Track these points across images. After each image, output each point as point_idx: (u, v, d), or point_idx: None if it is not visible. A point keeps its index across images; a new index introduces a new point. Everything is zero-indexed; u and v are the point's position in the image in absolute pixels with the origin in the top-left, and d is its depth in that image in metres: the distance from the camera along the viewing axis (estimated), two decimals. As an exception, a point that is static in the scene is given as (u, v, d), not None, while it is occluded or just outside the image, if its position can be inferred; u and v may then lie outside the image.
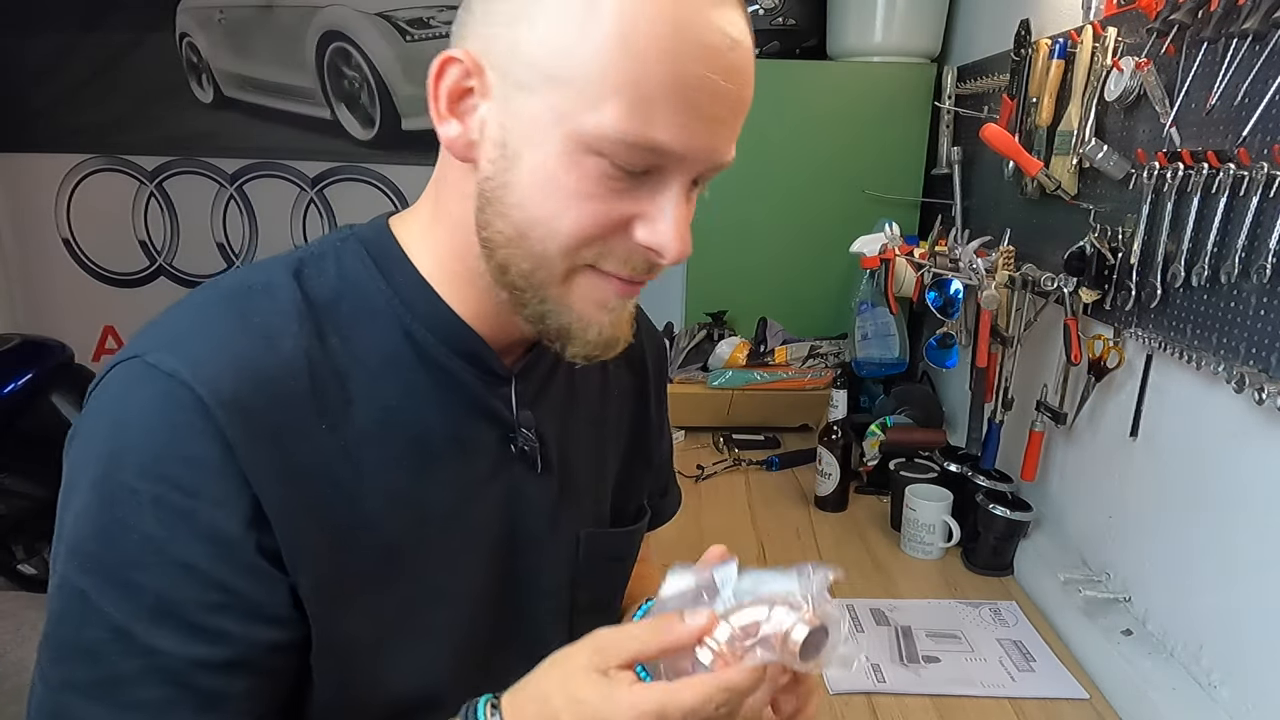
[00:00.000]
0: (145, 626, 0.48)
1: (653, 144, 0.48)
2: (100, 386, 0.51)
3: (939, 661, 1.12)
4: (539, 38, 0.48)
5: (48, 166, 2.92)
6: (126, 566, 0.48)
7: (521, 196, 0.51)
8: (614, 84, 0.47)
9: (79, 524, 0.49)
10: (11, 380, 2.26)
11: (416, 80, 2.75)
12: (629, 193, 0.51)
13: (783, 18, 2.05)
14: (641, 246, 0.52)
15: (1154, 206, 1.04)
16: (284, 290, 0.55)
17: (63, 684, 0.49)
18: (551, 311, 0.54)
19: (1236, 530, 0.95)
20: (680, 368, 1.97)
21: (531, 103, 0.49)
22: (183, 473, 0.48)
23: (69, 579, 0.49)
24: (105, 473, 0.48)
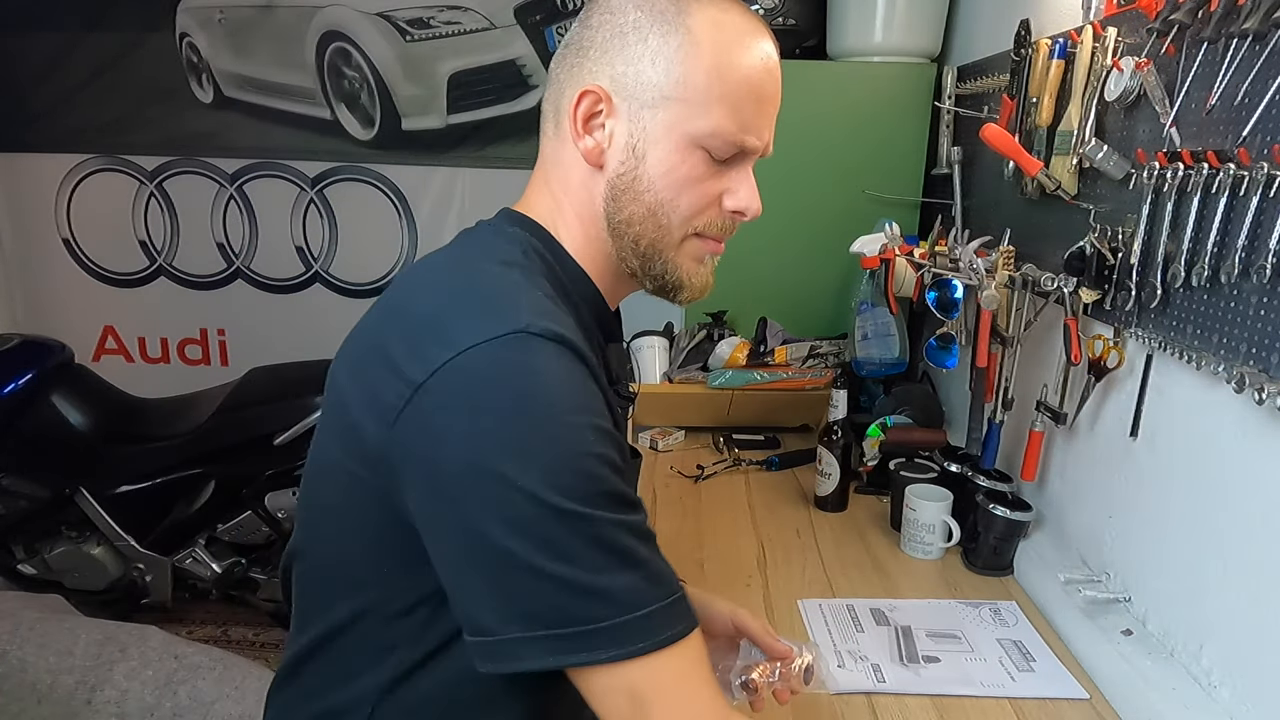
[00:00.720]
0: (619, 512, 0.62)
1: (740, 141, 0.71)
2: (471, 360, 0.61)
3: (939, 661, 1.12)
4: (662, 70, 0.69)
5: (48, 166, 2.92)
6: (594, 479, 0.61)
7: (649, 183, 0.71)
8: (716, 97, 0.69)
9: (546, 463, 0.60)
10: (11, 380, 2.26)
11: (416, 80, 2.76)
12: (718, 176, 0.73)
13: (783, 18, 2.05)
14: (730, 211, 0.75)
15: (1154, 206, 1.04)
16: (538, 274, 0.72)
17: (593, 570, 0.60)
18: (669, 270, 0.75)
19: (1237, 530, 0.95)
20: (680, 368, 1.97)
21: (656, 116, 0.70)
22: (591, 402, 0.65)
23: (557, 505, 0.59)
24: (548, 421, 0.61)
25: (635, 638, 0.61)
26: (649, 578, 0.63)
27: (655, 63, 0.69)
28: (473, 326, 0.62)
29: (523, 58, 2.73)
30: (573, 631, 0.60)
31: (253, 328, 3.02)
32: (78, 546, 2.36)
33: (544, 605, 0.61)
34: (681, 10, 0.69)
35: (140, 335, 3.07)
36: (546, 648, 0.61)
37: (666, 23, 0.69)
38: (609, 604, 0.61)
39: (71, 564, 2.36)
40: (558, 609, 0.60)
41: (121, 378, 2.56)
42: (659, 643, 0.62)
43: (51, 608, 2.15)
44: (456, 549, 0.63)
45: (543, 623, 0.61)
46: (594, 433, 0.62)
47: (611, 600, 0.61)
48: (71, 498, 2.32)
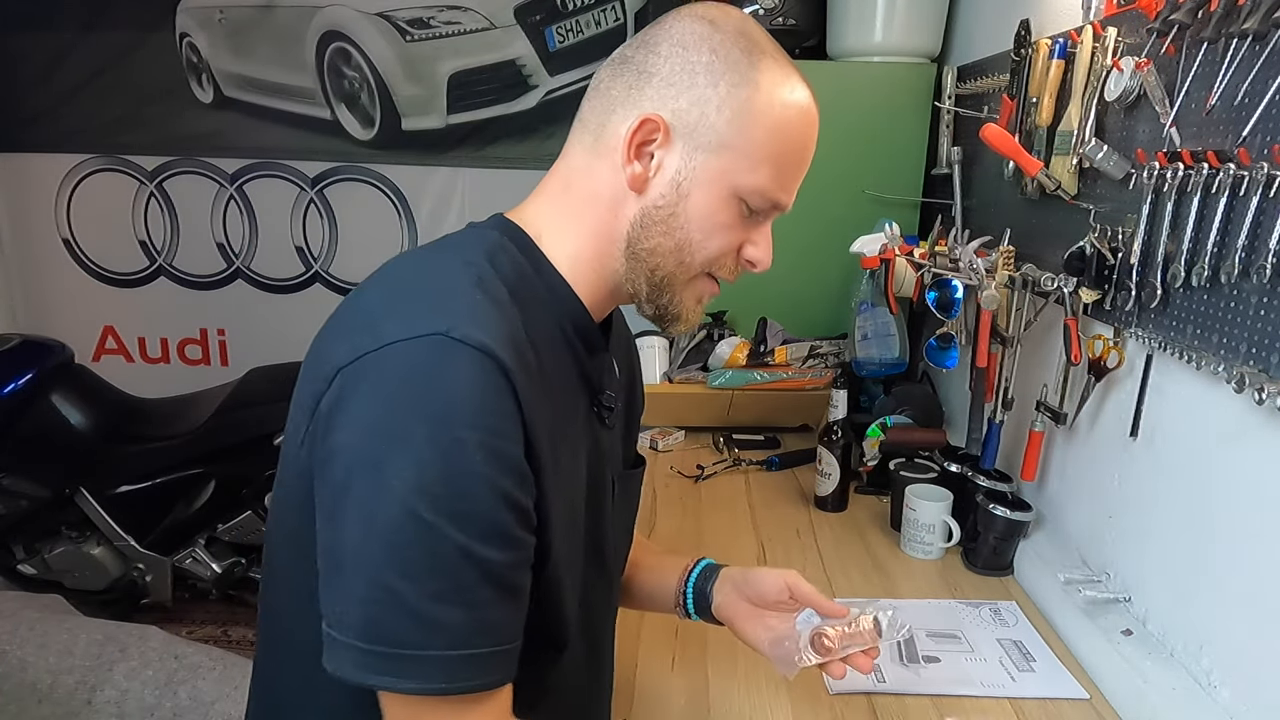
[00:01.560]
0: (480, 544, 0.60)
1: (778, 200, 0.74)
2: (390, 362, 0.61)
3: (939, 661, 1.12)
4: (725, 119, 0.69)
5: (48, 166, 2.92)
6: (464, 499, 0.60)
7: (685, 221, 0.72)
8: (766, 156, 0.71)
9: (420, 470, 0.59)
10: (11, 380, 2.26)
11: (416, 80, 2.75)
12: (745, 226, 0.74)
13: (783, 18, 2.05)
14: (745, 260, 0.76)
15: (1154, 206, 1.04)
16: (494, 279, 0.69)
17: (425, 595, 0.59)
18: (671, 303, 0.75)
19: (1237, 530, 0.95)
20: (680, 368, 1.97)
21: (709, 160, 0.70)
22: (498, 422, 0.61)
23: (418, 514, 0.59)
24: (439, 428, 0.59)
25: (439, 676, 0.60)
26: (479, 624, 0.61)
27: (721, 110, 0.69)
28: (401, 323, 0.62)
29: (523, 58, 2.73)
30: (384, 651, 0.59)
31: (253, 328, 3.02)
32: (78, 546, 2.36)
33: (370, 615, 0.60)
34: (754, 65, 0.70)
35: (140, 335, 3.07)
36: (358, 661, 0.60)
37: (739, 74, 0.69)
38: (429, 633, 0.60)
39: (71, 564, 2.36)
40: (377, 623, 0.59)
41: (121, 378, 2.56)
42: (464, 687, 0.61)
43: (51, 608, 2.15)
44: (324, 534, 0.62)
45: (364, 634, 0.60)
46: (484, 453, 0.60)
47: (433, 630, 0.60)
48: (71, 498, 2.32)
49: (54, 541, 2.37)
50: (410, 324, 0.62)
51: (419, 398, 0.60)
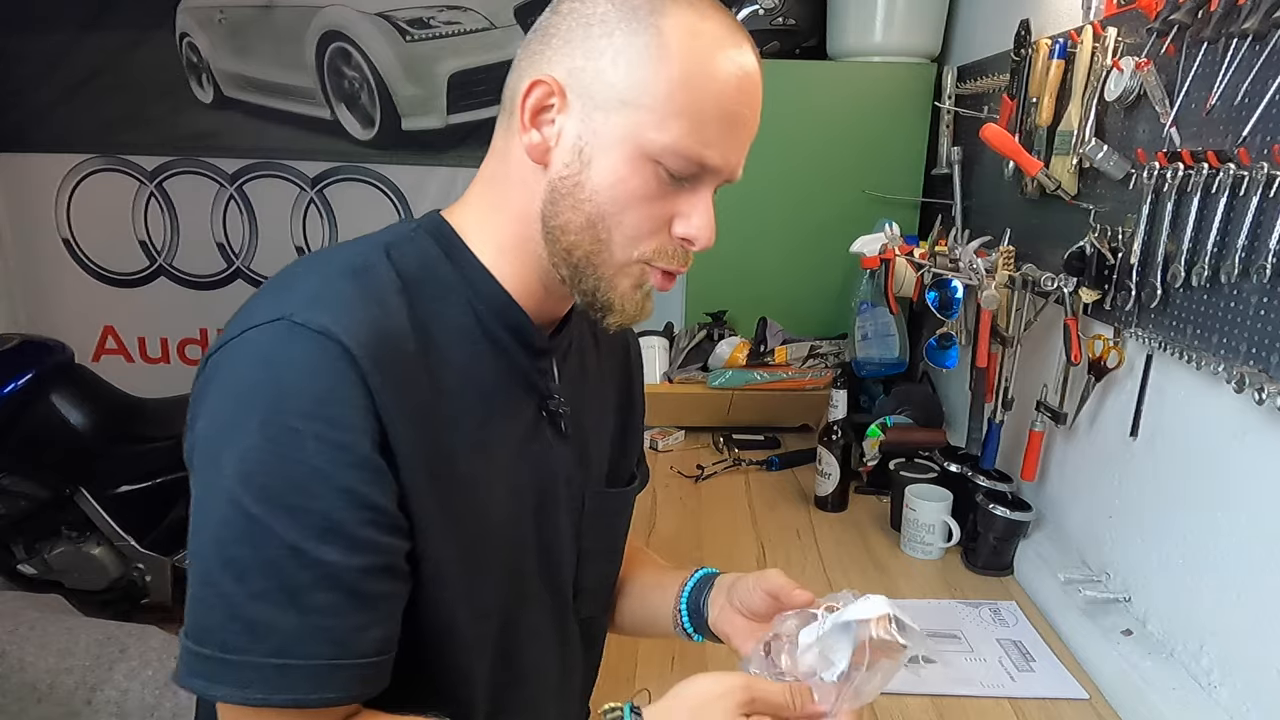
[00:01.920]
0: (315, 543, 0.56)
1: (702, 159, 0.63)
2: (238, 347, 0.59)
3: (939, 661, 1.12)
4: (622, 72, 0.62)
5: (48, 166, 2.91)
6: (296, 493, 0.56)
7: (592, 192, 0.63)
8: (676, 110, 0.61)
9: (247, 460, 0.56)
10: (11, 380, 2.26)
11: (416, 80, 2.75)
12: (672, 196, 0.65)
13: (783, 18, 2.05)
14: (679, 239, 0.66)
15: (1154, 206, 1.04)
16: (384, 268, 0.65)
17: (250, 595, 0.56)
18: (601, 288, 0.66)
19: (1237, 530, 0.95)
20: (680, 368, 1.97)
21: (610, 120, 0.62)
22: (339, 412, 0.57)
23: (244, 508, 0.56)
24: (270, 416, 0.56)
25: (258, 685, 0.55)
26: (313, 631, 0.56)
27: (616, 62, 0.62)
28: (260, 311, 0.60)
29: (522, 58, 2.73)
30: (207, 654, 0.56)
31: (253, 328, 3.01)
32: (78, 546, 2.36)
33: (198, 614, 0.57)
34: (655, 10, 0.62)
35: (140, 335, 3.07)
36: (187, 663, 0.56)
37: (637, 20, 0.62)
38: (253, 637, 0.55)
39: (71, 564, 2.36)
40: (203, 623, 0.56)
41: (121, 378, 2.55)
42: (287, 701, 0.56)
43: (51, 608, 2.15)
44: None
45: (193, 635, 0.56)
46: (322, 445, 0.56)
47: (257, 635, 0.55)
48: (71, 498, 2.32)
49: (54, 541, 2.36)
50: (265, 311, 0.59)
51: (255, 385, 0.57)
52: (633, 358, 0.92)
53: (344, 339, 0.57)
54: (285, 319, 0.58)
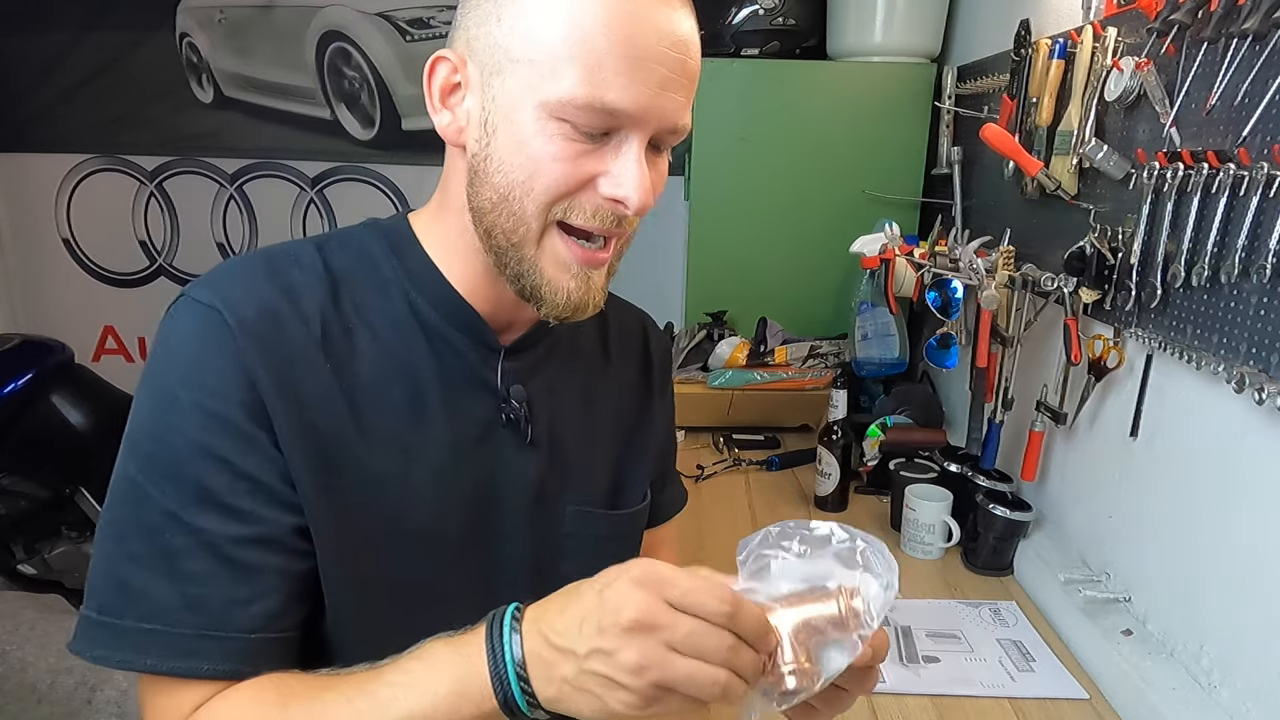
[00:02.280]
0: (191, 510, 0.57)
1: (605, 105, 0.56)
2: (163, 318, 0.62)
3: (939, 661, 1.12)
4: (506, 29, 0.58)
5: (48, 166, 2.91)
6: (174, 461, 0.57)
7: (500, 162, 0.59)
8: (567, 56, 0.56)
9: (137, 426, 0.59)
10: (11, 380, 2.26)
11: (416, 80, 2.74)
12: (593, 154, 0.59)
13: (783, 18, 2.05)
14: (607, 200, 0.60)
15: (1154, 206, 1.04)
16: (309, 259, 0.65)
17: (126, 557, 0.57)
18: (526, 272, 0.62)
19: (1237, 530, 0.95)
20: (680, 368, 1.97)
21: (504, 83, 0.58)
22: (213, 380, 0.58)
23: (128, 472, 0.58)
24: (156, 384, 0.59)
25: (126, 648, 0.56)
26: (185, 600, 0.56)
27: (501, 19, 0.58)
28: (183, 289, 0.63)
29: (523, 58, 2.73)
30: (91, 616, 0.57)
31: (253, 328, 3.01)
32: (78, 546, 2.36)
33: (90, 577, 0.58)
34: None
35: (140, 335, 3.07)
36: (78, 627, 0.57)
37: None
38: (127, 600, 0.56)
39: (71, 564, 2.36)
40: (91, 584, 0.58)
41: (121, 378, 2.55)
42: (153, 667, 0.56)
43: (51, 608, 2.15)
44: None
45: (86, 598, 0.58)
46: (198, 414, 0.57)
47: (131, 598, 0.56)
48: (71, 498, 2.32)
49: (54, 541, 2.36)
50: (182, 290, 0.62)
51: (151, 357, 0.60)
52: (655, 374, 0.85)
53: (224, 311, 0.58)
54: (185, 296, 0.61)
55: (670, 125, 0.60)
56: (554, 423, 0.73)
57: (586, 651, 0.49)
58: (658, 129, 0.59)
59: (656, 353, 0.86)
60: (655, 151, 0.62)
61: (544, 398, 0.72)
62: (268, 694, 0.58)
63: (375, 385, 0.64)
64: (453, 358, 0.67)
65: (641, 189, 0.59)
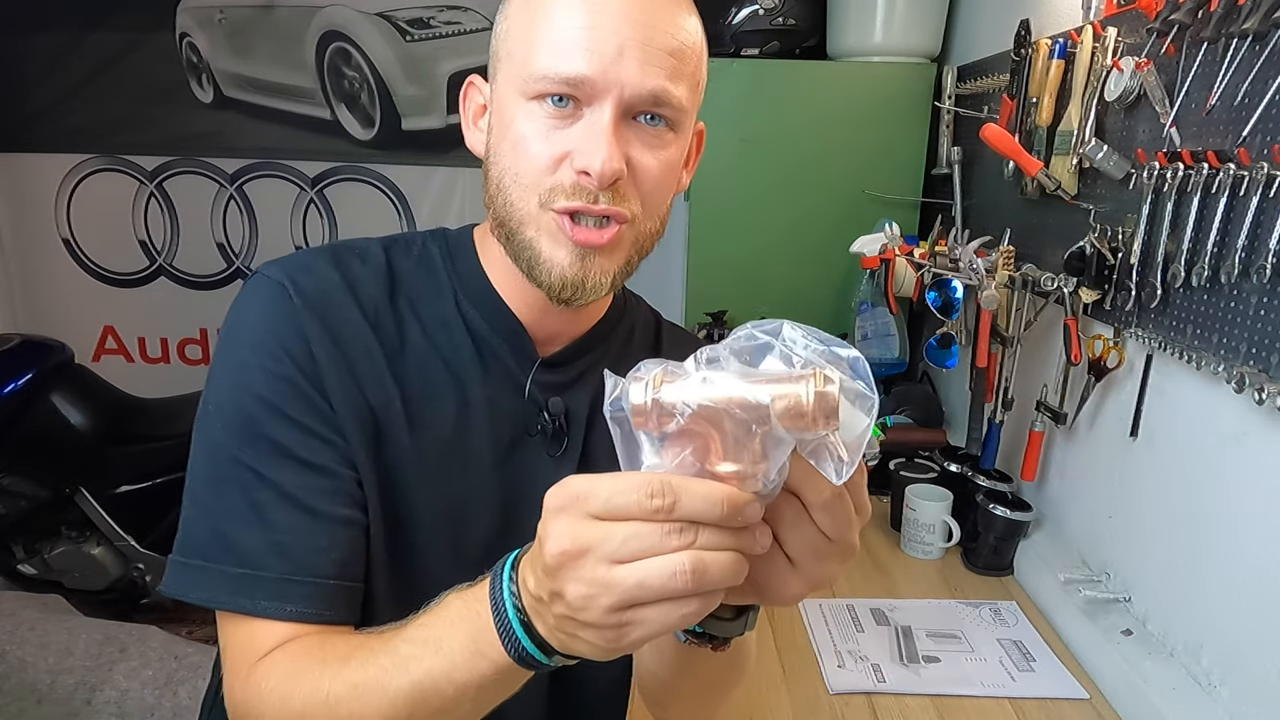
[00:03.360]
0: (270, 466, 0.61)
1: (561, 74, 0.59)
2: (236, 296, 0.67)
3: (939, 661, 1.12)
4: (499, 33, 0.65)
5: (48, 166, 2.91)
6: (250, 422, 0.62)
7: (496, 154, 0.64)
8: (535, 38, 0.60)
9: (216, 393, 0.64)
10: (11, 380, 2.26)
11: (416, 80, 2.75)
12: (564, 130, 0.61)
13: (783, 18, 2.04)
14: (577, 172, 0.60)
15: (1154, 206, 1.04)
16: (375, 257, 0.70)
17: (222, 510, 0.62)
18: (523, 251, 0.64)
19: (1237, 530, 0.95)
20: (680, 368, 1.97)
21: (497, 82, 0.65)
22: (279, 347, 0.63)
23: (215, 436, 0.63)
24: (230, 353, 0.64)
25: (225, 590, 0.61)
26: (273, 547, 0.61)
27: (497, 33, 0.66)
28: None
29: (523, 58, 2.73)
30: (187, 562, 0.62)
31: (253, 328, 3.01)
32: (78, 546, 2.36)
33: (185, 529, 0.63)
34: None
35: (140, 335, 3.07)
36: (172, 573, 0.62)
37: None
38: (224, 549, 0.61)
39: (71, 564, 2.36)
40: (188, 535, 0.63)
41: (121, 378, 2.55)
42: (246, 607, 0.60)
43: (51, 608, 2.15)
44: None
45: (180, 547, 0.63)
46: (265, 376, 0.62)
47: (227, 547, 0.61)
48: (71, 498, 2.32)
49: (54, 541, 2.36)
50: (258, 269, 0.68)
51: (225, 329, 0.66)
52: None
53: (289, 287, 0.64)
54: (259, 273, 0.66)
55: (641, 93, 0.59)
56: (590, 439, 0.74)
57: (547, 597, 0.44)
58: (629, 97, 0.59)
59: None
60: (648, 127, 0.62)
61: (584, 412, 0.73)
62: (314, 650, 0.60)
63: (423, 378, 0.68)
64: (494, 363, 0.70)
65: (598, 153, 0.58)
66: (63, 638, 1.91)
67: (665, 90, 0.60)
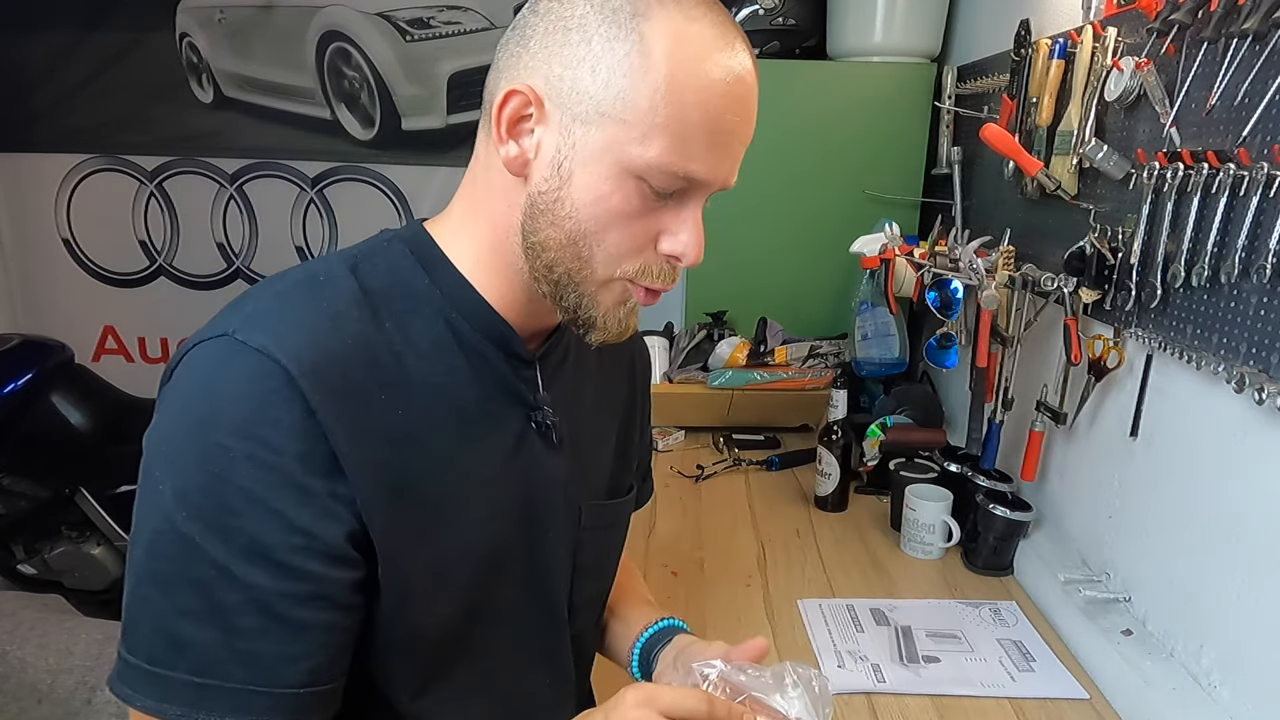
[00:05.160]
0: (242, 565, 0.55)
1: (688, 174, 0.60)
2: (186, 361, 0.59)
3: (939, 661, 1.12)
4: (601, 82, 0.58)
5: (48, 166, 2.91)
6: (225, 514, 0.55)
7: (572, 209, 0.61)
8: (660, 124, 0.58)
9: (181, 477, 0.56)
10: (11, 380, 2.26)
11: (417, 80, 2.75)
12: (657, 211, 0.62)
13: (783, 18, 2.05)
14: (665, 255, 0.63)
15: (1154, 206, 1.04)
16: (344, 281, 0.63)
17: (175, 610, 0.56)
18: (584, 305, 0.64)
19: (1236, 530, 0.95)
20: (680, 368, 1.97)
21: (589, 133, 0.59)
22: (271, 434, 0.55)
23: (175, 524, 0.55)
24: (201, 434, 0.56)
25: (179, 700, 0.55)
26: (235, 654, 0.55)
27: (596, 71, 0.58)
28: (211, 326, 0.60)
29: (523, 58, 2.73)
30: (136, 664, 0.56)
31: (253, 328, 3.01)
32: (78, 546, 2.36)
33: (129, 625, 0.57)
34: (638, 13, 0.57)
35: (140, 335, 3.07)
36: (118, 670, 0.57)
37: (617, 25, 0.57)
38: (176, 653, 0.55)
39: (71, 564, 2.36)
40: (134, 633, 0.57)
41: (121, 378, 2.55)
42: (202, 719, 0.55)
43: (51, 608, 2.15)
44: None
45: (126, 641, 0.57)
46: (253, 466, 0.55)
47: (180, 650, 0.55)
48: (71, 498, 2.32)
49: (54, 541, 2.36)
50: (214, 327, 0.59)
51: (192, 403, 0.57)
52: (637, 364, 0.90)
53: (282, 359, 0.56)
54: (228, 335, 0.57)
55: (726, 185, 0.64)
56: (573, 426, 0.75)
57: None
58: (716, 190, 0.63)
59: (639, 357, 0.91)
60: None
61: (563, 402, 0.74)
62: None
63: (426, 408, 0.64)
64: (487, 370, 0.68)
65: (698, 248, 0.63)
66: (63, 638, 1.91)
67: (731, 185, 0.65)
